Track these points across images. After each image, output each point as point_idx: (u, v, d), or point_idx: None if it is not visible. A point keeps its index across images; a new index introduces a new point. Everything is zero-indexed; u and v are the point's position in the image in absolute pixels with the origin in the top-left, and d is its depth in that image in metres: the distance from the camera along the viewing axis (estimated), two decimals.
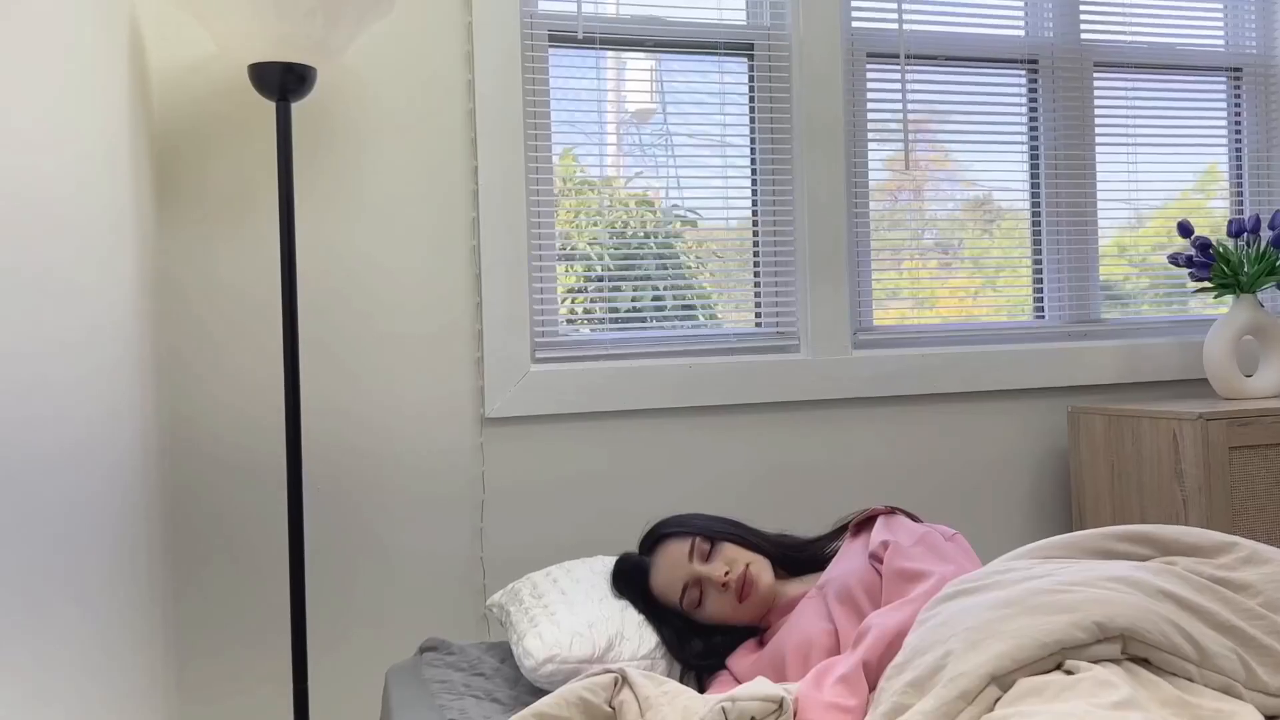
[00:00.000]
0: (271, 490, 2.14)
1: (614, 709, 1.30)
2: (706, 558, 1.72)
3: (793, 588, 1.75)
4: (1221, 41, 2.89)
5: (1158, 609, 1.16)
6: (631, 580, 1.77)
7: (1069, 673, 1.11)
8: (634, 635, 1.70)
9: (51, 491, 1.09)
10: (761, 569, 1.72)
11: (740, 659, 1.68)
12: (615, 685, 1.31)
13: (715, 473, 2.41)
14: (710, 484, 2.40)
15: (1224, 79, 2.90)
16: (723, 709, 1.20)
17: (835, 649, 1.53)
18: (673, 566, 1.72)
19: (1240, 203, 2.92)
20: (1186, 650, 1.13)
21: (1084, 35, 2.75)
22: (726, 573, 1.69)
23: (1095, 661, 1.12)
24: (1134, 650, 1.14)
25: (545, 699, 1.30)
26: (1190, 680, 1.13)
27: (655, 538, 1.80)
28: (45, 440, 1.07)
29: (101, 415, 1.37)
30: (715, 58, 2.49)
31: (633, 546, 1.90)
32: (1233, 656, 1.15)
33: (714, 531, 1.76)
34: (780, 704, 1.22)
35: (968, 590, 1.30)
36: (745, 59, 2.51)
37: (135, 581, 1.58)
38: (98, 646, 1.29)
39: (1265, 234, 2.58)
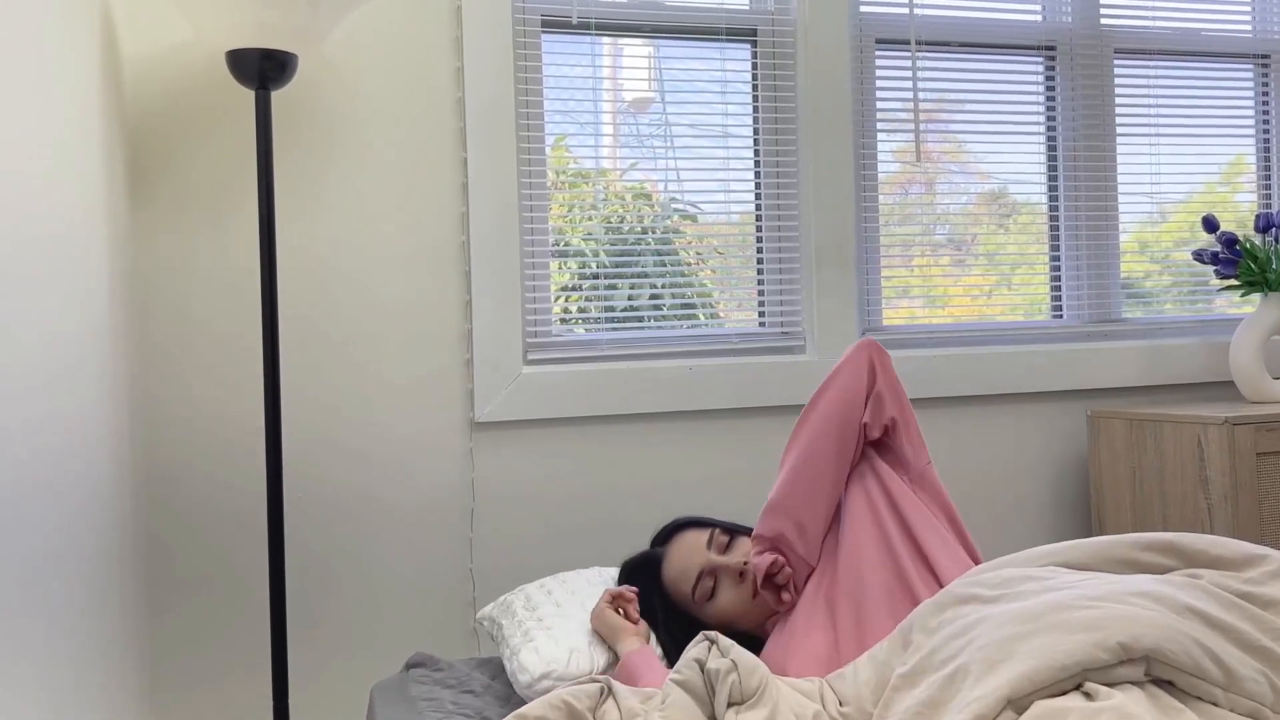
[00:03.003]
0: (251, 499, 2.14)
1: None
2: (725, 550, 1.76)
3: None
4: (1249, 26, 2.90)
5: (1184, 628, 1.15)
6: (642, 572, 1.80)
7: (1089, 694, 1.11)
8: None
9: (20, 508, 1.10)
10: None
11: None
12: (601, 695, 1.32)
13: (717, 480, 2.41)
14: (711, 492, 2.41)
15: (1251, 66, 2.90)
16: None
17: (834, 659, 1.57)
18: (689, 554, 1.75)
19: (1268, 196, 2.93)
20: (1213, 673, 1.13)
21: (1104, 20, 2.75)
22: (745, 563, 1.72)
23: (1117, 684, 1.12)
24: (1158, 672, 1.14)
25: (529, 704, 1.32)
26: (1216, 704, 1.13)
27: (672, 528, 1.84)
28: (9, 460, 1.07)
29: (73, 430, 1.37)
30: (717, 44, 2.49)
31: (630, 555, 1.91)
32: (1261, 680, 1.15)
33: (734, 526, 1.81)
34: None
35: (984, 597, 1.30)
36: (748, 45, 2.51)
37: (110, 591, 1.59)
38: (69, 664, 1.29)
39: None
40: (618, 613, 1.72)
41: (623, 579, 1.83)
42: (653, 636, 1.73)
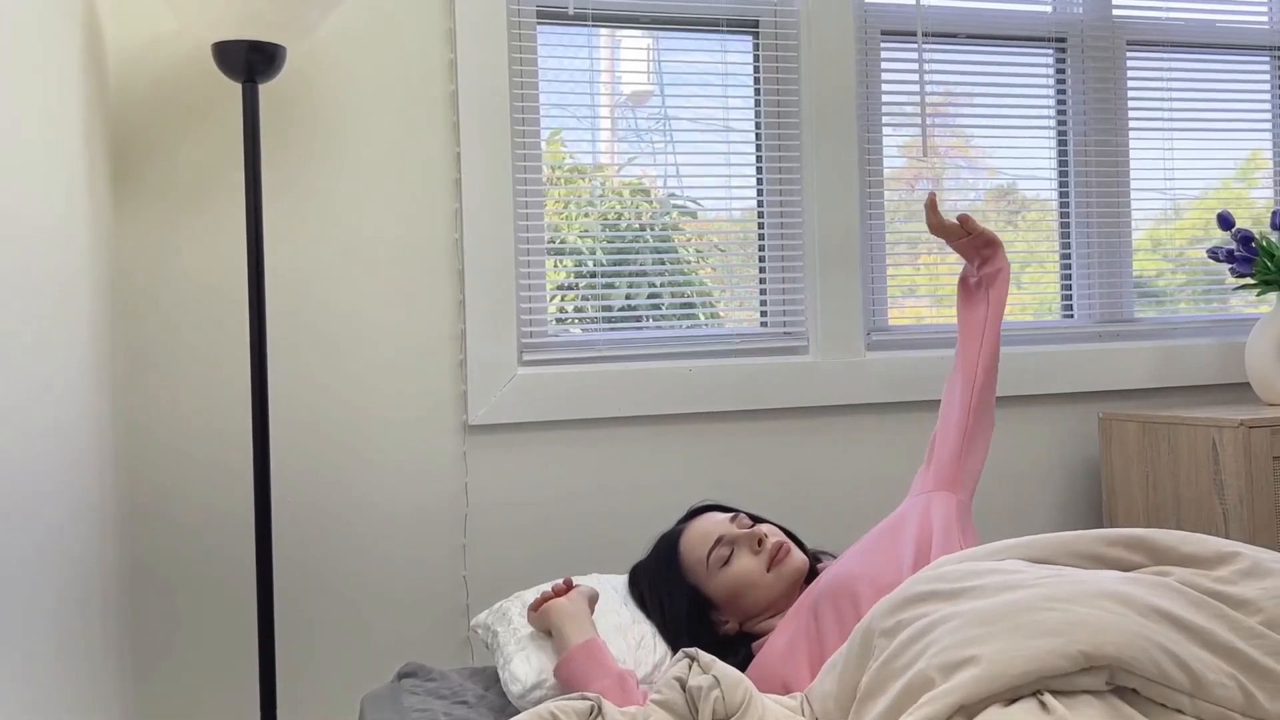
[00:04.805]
0: (237, 504, 2.14)
1: None
2: (747, 529, 1.81)
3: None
4: (1266, 18, 2.90)
5: (1150, 633, 1.14)
6: (660, 553, 1.84)
7: (1044, 705, 1.10)
8: (629, 660, 1.71)
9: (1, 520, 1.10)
10: (798, 553, 1.81)
11: None
12: (591, 713, 1.33)
13: (717, 484, 2.41)
14: (711, 496, 2.40)
15: (1268, 58, 2.90)
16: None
17: (795, 658, 1.62)
18: (711, 525, 1.81)
19: None
20: (1179, 680, 1.12)
21: (1116, 11, 2.75)
22: (764, 534, 1.78)
23: (1077, 692, 1.11)
24: (1121, 680, 1.12)
25: (517, 717, 1.32)
26: (1181, 712, 1.12)
27: (699, 508, 1.90)
28: None
29: (56, 435, 1.38)
30: (718, 35, 2.49)
31: (628, 563, 1.92)
32: (1230, 684, 1.13)
33: (760, 516, 1.88)
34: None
35: (943, 593, 1.28)
36: (750, 37, 2.52)
37: (93, 601, 1.59)
38: (50, 673, 1.29)
39: None
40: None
41: (632, 575, 1.88)
42: (597, 622, 1.74)
